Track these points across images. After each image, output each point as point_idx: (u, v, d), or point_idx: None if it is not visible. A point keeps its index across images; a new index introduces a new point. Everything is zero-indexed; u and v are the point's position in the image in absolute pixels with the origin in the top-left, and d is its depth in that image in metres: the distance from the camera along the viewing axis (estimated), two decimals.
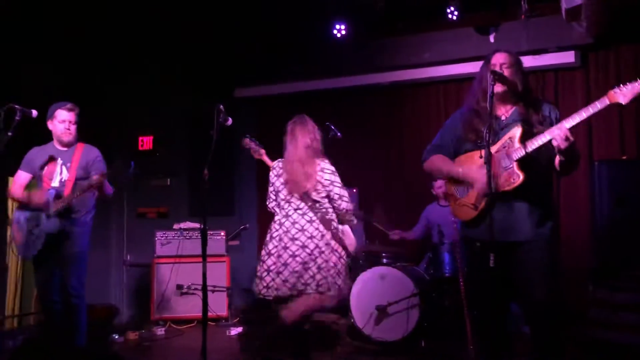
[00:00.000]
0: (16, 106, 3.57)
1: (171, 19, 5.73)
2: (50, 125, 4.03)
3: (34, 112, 3.74)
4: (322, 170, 3.84)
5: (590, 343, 4.19)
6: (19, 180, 4.08)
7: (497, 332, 2.98)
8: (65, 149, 4.05)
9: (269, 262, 3.79)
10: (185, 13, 5.65)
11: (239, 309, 6.02)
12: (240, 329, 5.32)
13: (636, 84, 2.58)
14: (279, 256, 3.76)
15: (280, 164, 3.98)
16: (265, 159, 4.19)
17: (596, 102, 2.65)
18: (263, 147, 4.22)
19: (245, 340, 4.83)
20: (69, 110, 4.01)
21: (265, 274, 3.78)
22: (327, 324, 4.88)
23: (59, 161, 4.00)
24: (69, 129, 4.00)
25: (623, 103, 2.59)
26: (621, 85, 2.61)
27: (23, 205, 3.98)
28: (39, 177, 4.02)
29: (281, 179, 3.93)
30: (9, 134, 3.51)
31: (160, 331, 5.52)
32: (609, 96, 2.63)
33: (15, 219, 4.01)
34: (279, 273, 3.74)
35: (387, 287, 4.71)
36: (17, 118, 3.55)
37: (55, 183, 3.95)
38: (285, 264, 3.72)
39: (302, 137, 3.90)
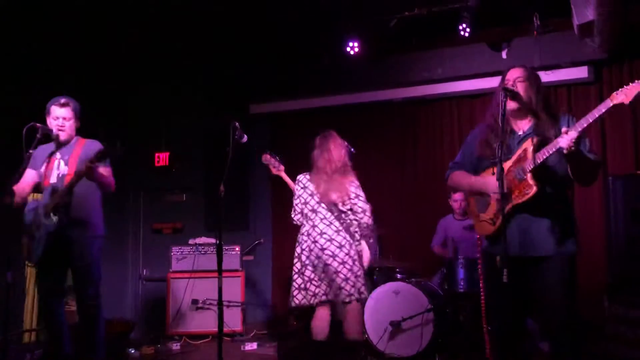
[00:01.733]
0: (37, 125, 3.63)
1: (187, 36, 5.82)
2: (47, 122, 3.82)
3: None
4: (350, 183, 4.05)
5: (607, 359, 4.15)
6: (25, 177, 3.78)
7: (514, 347, 2.97)
8: (65, 145, 3.85)
9: (307, 272, 4.02)
10: (200, 30, 5.73)
11: (254, 324, 6.04)
12: (254, 344, 5.36)
13: (635, 83, 2.62)
14: (315, 266, 4.00)
15: (307, 177, 4.17)
16: (284, 175, 4.39)
17: (600, 106, 2.68)
18: (283, 164, 4.36)
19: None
20: (62, 105, 3.80)
21: (308, 284, 4.00)
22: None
23: (57, 156, 3.81)
24: (62, 126, 3.80)
25: (626, 102, 2.64)
26: (623, 87, 2.66)
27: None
28: (41, 176, 3.81)
29: (308, 191, 4.12)
30: (30, 151, 3.58)
31: (175, 346, 5.54)
32: (611, 98, 2.67)
33: (26, 221, 3.80)
34: (320, 281, 3.99)
35: (401, 303, 4.70)
36: (38, 136, 3.62)
37: (54, 179, 3.76)
38: (323, 272, 3.97)
39: (336, 150, 4.12)
